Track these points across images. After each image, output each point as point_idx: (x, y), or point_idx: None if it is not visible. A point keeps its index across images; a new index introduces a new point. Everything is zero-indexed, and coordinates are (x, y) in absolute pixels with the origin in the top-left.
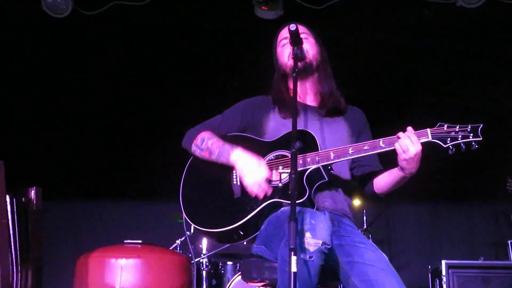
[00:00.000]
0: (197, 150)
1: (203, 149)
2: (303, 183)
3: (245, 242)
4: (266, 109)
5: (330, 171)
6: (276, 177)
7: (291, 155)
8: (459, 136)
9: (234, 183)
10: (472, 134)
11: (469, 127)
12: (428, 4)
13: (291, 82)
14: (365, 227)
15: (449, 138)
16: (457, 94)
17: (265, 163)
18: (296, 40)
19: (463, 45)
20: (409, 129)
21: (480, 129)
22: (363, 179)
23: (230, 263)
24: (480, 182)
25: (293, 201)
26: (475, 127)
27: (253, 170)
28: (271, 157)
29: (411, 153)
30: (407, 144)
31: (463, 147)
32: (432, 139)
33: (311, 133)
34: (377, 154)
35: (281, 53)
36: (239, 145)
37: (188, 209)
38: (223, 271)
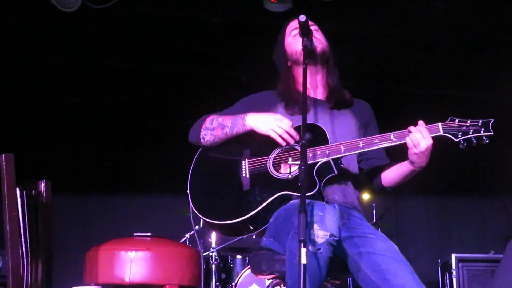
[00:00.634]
0: (208, 133)
1: (214, 128)
2: (313, 176)
3: (254, 236)
4: (271, 105)
5: (340, 164)
6: (285, 170)
7: (301, 147)
8: (470, 131)
9: (243, 175)
10: (483, 128)
11: (480, 121)
12: None
13: (299, 75)
14: (374, 220)
15: (460, 133)
16: (468, 86)
17: (274, 156)
18: (306, 31)
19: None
20: (420, 123)
21: (491, 124)
22: (371, 173)
23: (239, 257)
24: (490, 175)
25: (303, 192)
26: (486, 121)
27: (272, 119)
28: (279, 151)
29: (422, 147)
30: (418, 138)
31: (474, 141)
32: (444, 133)
33: (320, 126)
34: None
35: (292, 42)
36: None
37: (196, 201)
38: (232, 265)
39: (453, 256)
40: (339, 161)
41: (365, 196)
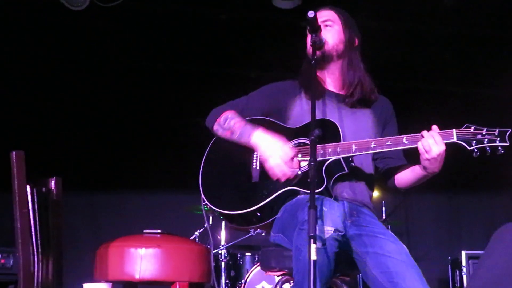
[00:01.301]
0: (220, 130)
1: (225, 129)
2: (321, 173)
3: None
4: (292, 94)
5: (351, 163)
6: (295, 165)
7: (310, 143)
8: (485, 140)
9: (254, 167)
10: (499, 138)
11: (497, 131)
12: None
13: (319, 68)
14: (383, 218)
15: (475, 141)
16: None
17: (290, 146)
18: (314, 27)
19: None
20: (434, 128)
21: (508, 134)
22: (386, 173)
23: (248, 254)
24: (500, 171)
25: (312, 189)
26: (503, 131)
27: (275, 152)
28: (291, 145)
29: (434, 153)
30: (430, 143)
31: (489, 151)
32: (457, 140)
33: (334, 122)
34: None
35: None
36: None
37: (206, 189)
38: (241, 262)
39: (463, 253)
40: (350, 159)
41: (374, 193)
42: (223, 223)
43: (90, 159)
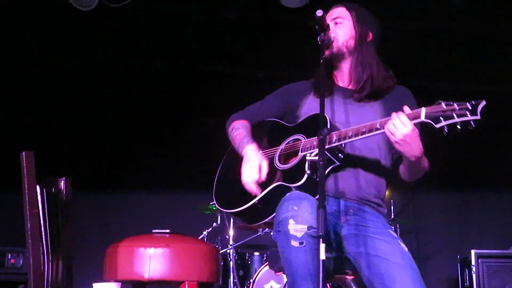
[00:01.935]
0: (229, 138)
1: (230, 137)
2: (303, 168)
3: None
4: (303, 93)
5: (338, 154)
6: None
7: (318, 142)
8: (454, 115)
9: None
10: (471, 112)
11: (468, 104)
12: None
13: (326, 68)
14: (392, 216)
15: (443, 117)
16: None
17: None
18: (322, 26)
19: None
20: (405, 109)
21: (482, 106)
22: (394, 165)
23: (257, 253)
24: (509, 170)
25: (321, 188)
26: (476, 104)
27: (247, 169)
28: (289, 141)
29: (400, 134)
30: (396, 124)
31: (459, 127)
32: (425, 119)
33: (325, 116)
34: None
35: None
36: (265, 131)
37: (216, 187)
38: (250, 261)
39: (472, 252)
40: (336, 151)
41: None
42: (231, 222)
43: (99, 160)
